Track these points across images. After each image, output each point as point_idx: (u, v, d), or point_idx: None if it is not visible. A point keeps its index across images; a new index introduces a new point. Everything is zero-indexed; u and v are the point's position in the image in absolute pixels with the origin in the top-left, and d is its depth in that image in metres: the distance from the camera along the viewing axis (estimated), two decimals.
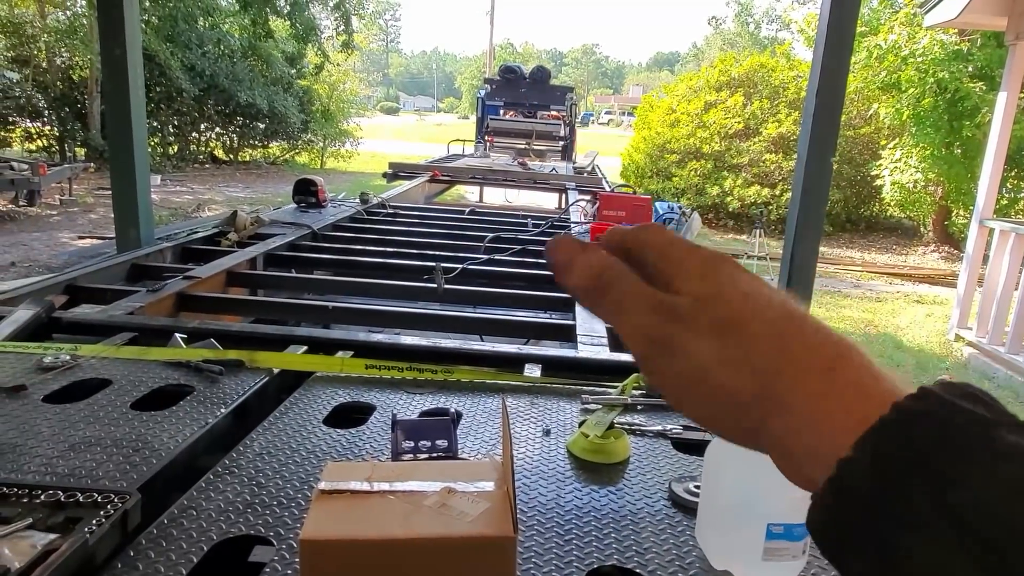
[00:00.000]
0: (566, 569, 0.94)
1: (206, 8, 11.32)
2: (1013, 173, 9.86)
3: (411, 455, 1.24)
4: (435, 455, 1.24)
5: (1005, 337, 5.41)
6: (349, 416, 1.44)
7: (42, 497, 0.91)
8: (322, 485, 0.78)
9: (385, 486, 0.79)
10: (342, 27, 10.98)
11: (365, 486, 0.79)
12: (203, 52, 13.91)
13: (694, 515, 1.06)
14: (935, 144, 9.52)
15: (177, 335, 1.76)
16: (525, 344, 2.70)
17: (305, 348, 1.77)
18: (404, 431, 1.26)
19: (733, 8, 64.75)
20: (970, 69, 8.94)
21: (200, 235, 3.14)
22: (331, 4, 11.28)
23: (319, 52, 12.20)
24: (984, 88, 8.88)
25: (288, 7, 9.56)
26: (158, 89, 14.11)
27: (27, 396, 1.36)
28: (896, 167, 10.37)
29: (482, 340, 2.15)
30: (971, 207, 7.68)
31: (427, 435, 1.26)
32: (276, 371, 1.59)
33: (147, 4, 10.29)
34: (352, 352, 1.76)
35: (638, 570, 0.94)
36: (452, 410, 1.28)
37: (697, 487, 1.12)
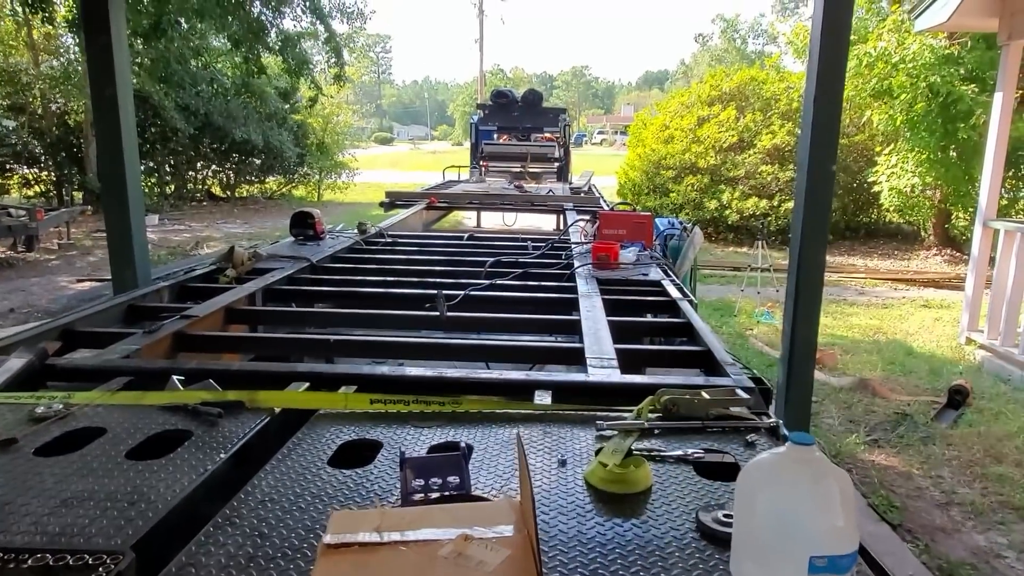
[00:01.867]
0: None
1: (196, 49, 11.37)
2: (1011, 173, 9.85)
3: (422, 494, 1.18)
4: (447, 493, 1.17)
5: (1018, 338, 5.34)
6: (356, 454, 1.37)
7: (29, 562, 0.85)
8: (327, 539, 0.72)
9: (396, 536, 0.73)
10: (333, 60, 11.05)
11: (375, 537, 0.73)
12: (197, 91, 13.99)
13: (726, 547, 1.00)
14: (931, 148, 9.51)
15: (174, 377, 1.70)
16: (531, 370, 2.65)
17: (307, 385, 1.71)
18: (413, 469, 1.20)
19: (719, 24, 65.39)
20: (961, 72, 8.95)
21: (198, 273, 3.08)
22: (322, 38, 11.36)
23: (312, 86, 12.27)
24: (976, 90, 8.89)
25: (279, 43, 9.63)
26: (153, 130, 14.18)
27: (18, 450, 1.30)
28: (893, 173, 10.35)
29: (488, 367, 2.09)
30: (971, 209, 7.65)
31: (438, 472, 1.20)
32: (278, 410, 1.54)
33: (139, 47, 10.36)
34: (356, 387, 1.71)
35: None
36: (463, 444, 1.21)
37: (727, 516, 1.06)
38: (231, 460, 1.31)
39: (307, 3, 10.31)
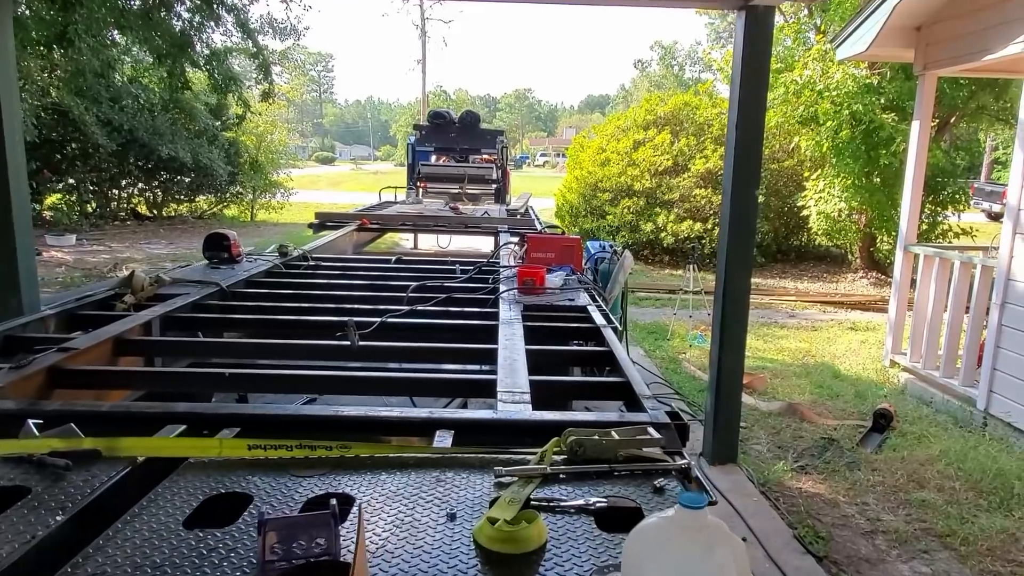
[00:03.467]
0: None
1: (107, 61, 10.89)
2: (930, 199, 10.25)
3: (283, 562, 1.03)
4: (312, 559, 1.03)
5: (939, 361, 5.47)
6: (224, 510, 1.22)
7: None
8: None
9: None
10: (261, 76, 10.76)
11: None
12: (120, 106, 13.42)
13: None
14: (855, 174, 9.83)
15: (30, 422, 1.51)
16: (448, 404, 2.51)
17: (183, 428, 1.55)
18: (276, 532, 1.06)
19: (657, 51, 67.23)
20: (882, 101, 9.30)
21: (92, 299, 2.85)
22: (250, 54, 11.08)
23: (240, 102, 11.91)
24: (896, 119, 9.24)
25: (204, 58, 9.31)
26: (73, 145, 13.53)
27: None
28: (820, 197, 10.66)
29: (388, 405, 1.95)
30: (894, 233, 7.90)
31: (304, 534, 1.06)
32: (141, 460, 1.37)
33: (57, 59, 9.90)
34: (240, 428, 1.55)
35: None
36: (332, 502, 1.07)
37: None
38: (70, 523, 1.14)
39: (234, 17, 10.03)
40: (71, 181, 14.23)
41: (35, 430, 1.49)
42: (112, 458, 1.36)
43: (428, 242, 10.26)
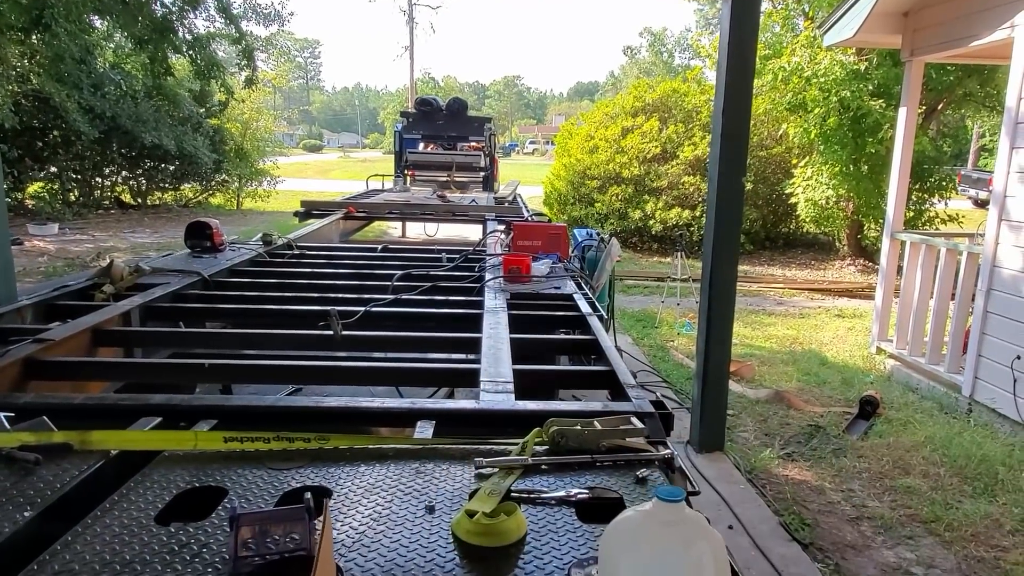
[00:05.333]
0: None
1: (86, 46, 10.67)
2: (916, 186, 10.28)
3: (257, 557, 1.01)
4: (286, 554, 1.01)
5: (925, 348, 5.49)
6: (197, 504, 1.20)
7: None
8: None
9: None
10: (245, 62, 10.59)
11: None
12: (103, 93, 13.20)
13: None
14: (843, 161, 9.84)
15: (1, 414, 1.48)
16: (435, 394, 2.49)
17: (158, 420, 1.52)
18: (249, 527, 1.03)
19: (647, 38, 67.01)
20: (870, 87, 9.29)
21: (70, 289, 2.80)
22: (232, 39, 10.91)
23: (223, 89, 11.72)
24: (883, 105, 9.24)
25: (187, 43, 9.14)
26: (55, 133, 13.32)
27: None
28: (808, 185, 10.67)
29: (372, 396, 1.93)
30: (881, 220, 7.91)
31: (278, 528, 1.04)
32: (114, 453, 1.34)
33: (37, 45, 9.69)
34: (216, 421, 1.52)
35: None
36: (307, 496, 1.05)
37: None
38: (39, 519, 1.12)
39: (216, 2, 9.86)
40: (53, 169, 14.03)
41: (6, 423, 1.46)
42: (85, 452, 1.33)
43: (416, 230, 10.20)
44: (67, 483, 1.21)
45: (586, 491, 1.24)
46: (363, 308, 2.51)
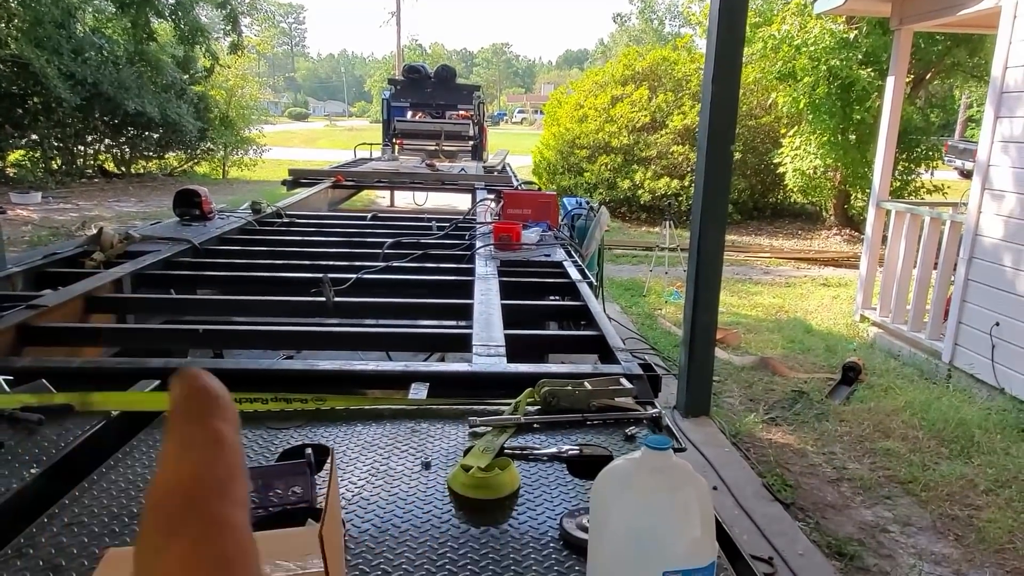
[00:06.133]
0: None
1: (66, 9, 10.40)
2: (904, 156, 10.34)
3: (260, 509, 1.05)
4: (288, 506, 1.05)
5: (907, 316, 5.59)
6: None
7: None
8: None
9: None
10: (229, 27, 10.38)
11: None
12: (83, 59, 12.94)
13: (586, 555, 0.92)
14: (831, 130, 9.87)
15: (0, 378, 1.50)
16: (428, 358, 2.52)
17: (157, 383, 1.54)
18: (252, 481, 1.07)
19: (636, 5, 66.21)
20: (859, 56, 9.30)
21: (59, 256, 2.79)
22: (216, 3, 10.67)
23: (208, 54, 11.50)
24: (872, 74, 9.26)
25: (170, 7, 8.94)
26: (35, 99, 13.06)
27: None
28: (796, 154, 10.71)
29: (362, 359, 1.96)
30: (868, 190, 7.97)
31: (279, 483, 1.08)
32: (115, 414, 1.37)
33: (14, 7, 9.45)
34: None
35: None
36: (307, 451, 1.08)
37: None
38: (44, 476, 1.14)
39: None
40: (34, 137, 13.79)
41: (5, 386, 1.48)
42: (86, 413, 1.35)
43: (405, 200, 10.16)
44: (70, 442, 1.24)
45: (577, 448, 1.28)
46: (354, 275, 2.54)
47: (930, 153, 10.83)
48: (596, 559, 0.83)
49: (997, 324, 4.52)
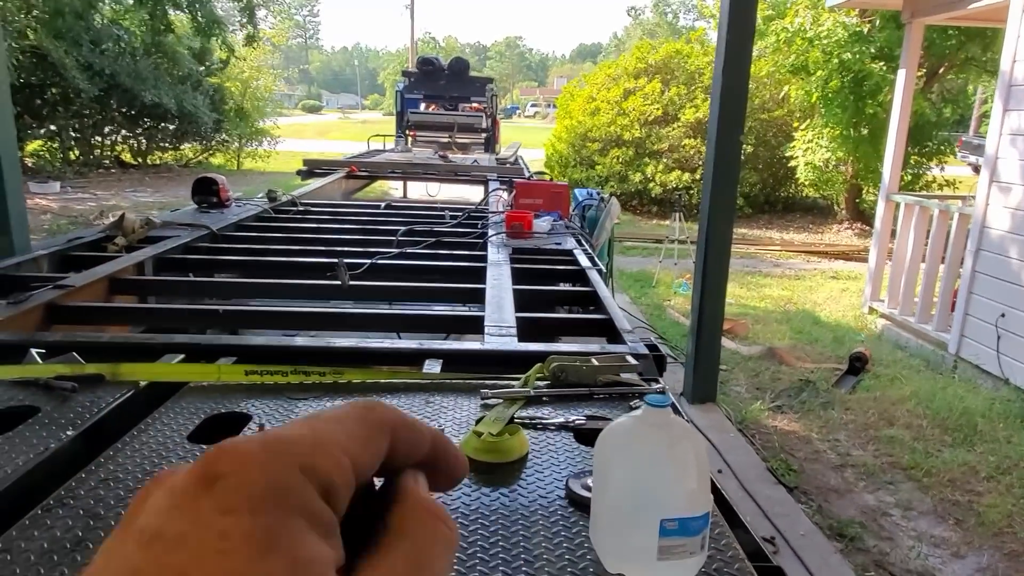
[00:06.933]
0: None
1: (85, 1, 10.52)
2: (916, 150, 10.30)
3: None
4: None
5: (915, 308, 5.61)
6: (223, 428, 1.30)
7: None
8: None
9: None
10: (246, 19, 10.47)
11: None
12: (101, 50, 13.08)
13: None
14: (843, 124, 9.84)
15: (33, 350, 1.57)
16: (446, 338, 2.58)
17: (182, 357, 1.61)
18: None
19: None
20: (871, 50, 9.27)
21: (83, 240, 2.88)
22: None
23: (224, 46, 11.61)
24: (885, 68, 9.23)
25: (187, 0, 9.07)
26: (54, 90, 13.22)
27: None
28: (808, 148, 10.69)
29: (371, 336, 2.02)
30: (879, 184, 7.96)
31: None
32: (143, 384, 1.44)
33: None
34: (235, 358, 1.62)
35: None
36: None
37: None
38: (80, 438, 1.21)
39: None
40: (52, 127, 13.97)
41: (38, 358, 1.55)
42: (115, 382, 1.42)
43: (418, 191, 10.22)
44: (103, 408, 1.31)
45: (584, 418, 1.34)
46: (369, 260, 2.60)
47: (942, 148, 10.78)
48: (599, 509, 0.89)
49: (1003, 315, 4.54)
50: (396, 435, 0.29)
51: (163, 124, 15.98)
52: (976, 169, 19.77)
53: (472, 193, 7.36)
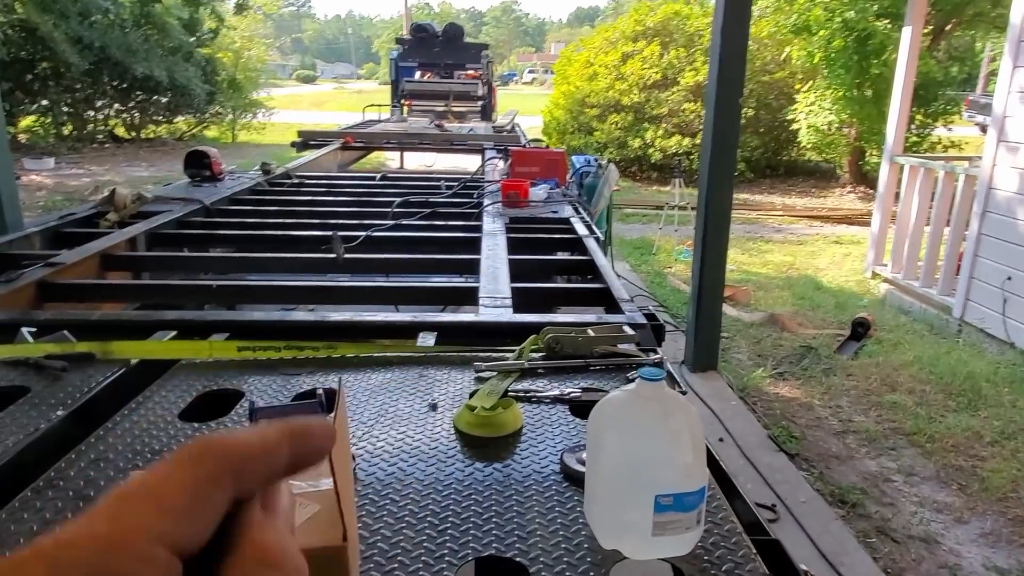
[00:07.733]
0: (436, 565, 0.82)
1: None
2: (921, 111, 10.16)
3: None
4: None
5: (919, 272, 5.57)
6: (216, 405, 1.28)
7: None
8: None
9: None
10: None
11: None
12: (90, 22, 12.87)
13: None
14: (846, 85, 9.69)
15: (24, 329, 1.55)
16: (442, 310, 2.57)
17: (174, 333, 1.59)
18: (266, 420, 1.12)
19: None
20: (875, 8, 9.09)
21: (74, 217, 2.85)
22: None
23: (213, 16, 11.44)
24: (889, 26, 9.05)
25: None
26: (44, 64, 13.05)
27: None
28: (811, 110, 10.55)
29: (365, 309, 2.00)
30: (883, 146, 7.87)
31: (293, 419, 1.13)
32: (134, 362, 1.42)
33: None
34: (228, 334, 1.60)
35: (518, 558, 0.84)
36: (319, 392, 1.13)
37: None
38: (71, 418, 1.20)
39: None
40: (45, 102, 13.81)
41: (29, 337, 1.54)
42: (106, 361, 1.40)
43: (414, 161, 10.13)
44: (93, 387, 1.29)
45: (579, 391, 1.32)
46: (364, 233, 2.57)
47: (948, 108, 10.63)
48: (593, 485, 0.87)
49: (1009, 278, 4.50)
50: (241, 475, 0.28)
51: (155, 97, 15.79)
52: (983, 129, 19.45)
53: (469, 162, 7.28)
